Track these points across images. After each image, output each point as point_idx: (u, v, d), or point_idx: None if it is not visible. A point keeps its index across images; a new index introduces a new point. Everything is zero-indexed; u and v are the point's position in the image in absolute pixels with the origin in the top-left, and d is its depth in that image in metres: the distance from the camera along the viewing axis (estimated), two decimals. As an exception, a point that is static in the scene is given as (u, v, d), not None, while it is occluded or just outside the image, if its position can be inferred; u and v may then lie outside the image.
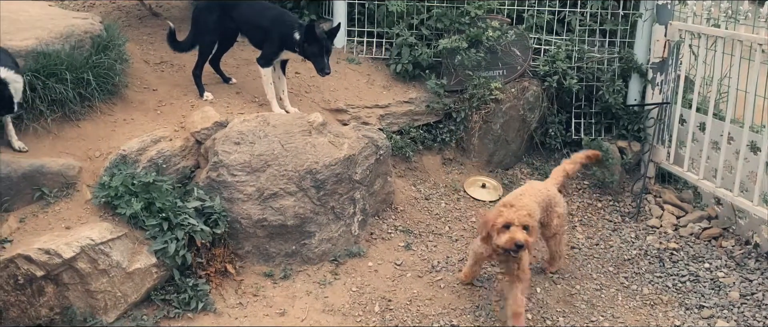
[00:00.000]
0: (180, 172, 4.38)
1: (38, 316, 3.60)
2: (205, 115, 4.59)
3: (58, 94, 4.21)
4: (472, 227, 5.01)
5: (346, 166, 4.52)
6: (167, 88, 5.02)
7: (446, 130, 5.66)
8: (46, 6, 4.98)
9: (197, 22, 5.07)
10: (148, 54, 5.46)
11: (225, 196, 4.25)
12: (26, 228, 3.73)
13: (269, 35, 4.82)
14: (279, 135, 4.45)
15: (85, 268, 3.61)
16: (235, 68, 5.54)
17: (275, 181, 4.31)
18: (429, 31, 5.77)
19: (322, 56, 4.60)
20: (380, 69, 5.93)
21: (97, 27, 4.66)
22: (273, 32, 4.77)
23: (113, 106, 4.62)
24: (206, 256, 4.10)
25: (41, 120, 4.19)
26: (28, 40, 4.22)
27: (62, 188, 3.96)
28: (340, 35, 6.09)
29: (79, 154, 4.17)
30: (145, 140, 4.27)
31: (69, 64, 4.27)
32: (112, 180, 3.94)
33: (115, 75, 4.58)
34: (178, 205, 4.02)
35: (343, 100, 5.36)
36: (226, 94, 5.06)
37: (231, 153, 4.30)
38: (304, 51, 4.64)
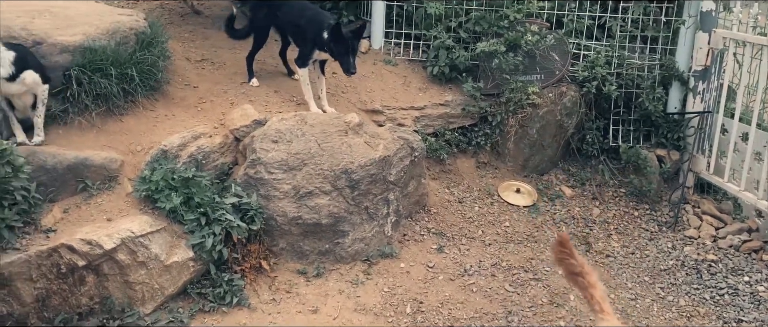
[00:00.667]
0: (218, 168, 4.45)
1: (79, 304, 3.69)
2: (245, 112, 4.66)
3: (103, 89, 4.32)
4: (505, 232, 4.99)
5: (381, 167, 4.54)
6: (208, 86, 5.10)
7: (481, 133, 5.65)
8: (93, 2, 5.11)
9: (253, 13, 5.29)
10: (189, 51, 5.55)
11: (262, 193, 4.31)
12: (69, 218, 3.83)
13: (304, 35, 4.88)
14: (316, 134, 4.49)
15: (125, 259, 3.70)
16: (274, 66, 5.61)
17: (311, 180, 4.35)
18: (467, 34, 5.76)
19: (348, 55, 4.60)
20: (417, 71, 5.94)
21: (142, 24, 4.77)
22: (307, 32, 4.83)
23: (155, 101, 4.71)
24: (242, 252, 4.16)
25: (86, 114, 4.30)
26: (77, 36, 4.33)
27: (105, 181, 4.05)
28: (378, 36, 6.13)
29: (122, 148, 4.27)
30: (185, 136, 4.35)
31: (114, 59, 4.37)
32: (152, 174, 4.03)
33: (158, 71, 4.67)
34: (216, 200, 4.09)
35: (379, 101, 5.38)
36: (264, 93, 5.13)
37: (269, 151, 4.35)
38: (331, 50, 4.67)
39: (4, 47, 3.79)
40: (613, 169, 5.77)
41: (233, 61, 5.53)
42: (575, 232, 5.16)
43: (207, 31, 6.07)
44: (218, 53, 5.65)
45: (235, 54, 5.67)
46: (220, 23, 6.26)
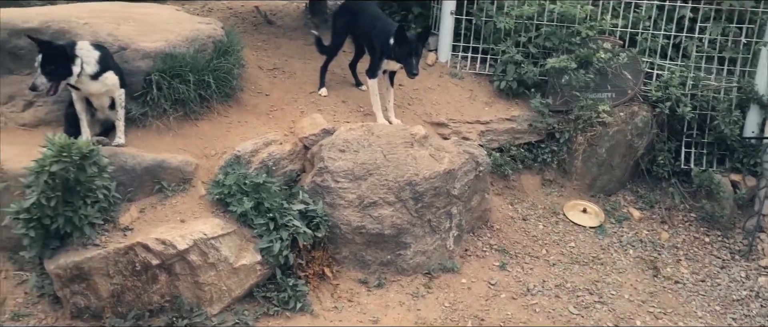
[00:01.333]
0: (287, 174, 4.54)
1: (150, 302, 3.83)
2: (314, 121, 4.75)
3: (181, 94, 4.49)
4: (570, 252, 4.90)
5: (445, 180, 4.54)
6: (279, 94, 5.22)
7: (548, 150, 5.57)
8: (174, 10, 5.31)
9: (332, 25, 5.46)
10: (262, 60, 5.70)
11: (327, 201, 4.37)
12: (145, 218, 3.98)
13: (374, 46, 4.95)
14: (382, 145, 4.53)
15: (196, 260, 3.82)
16: (342, 77, 5.69)
17: (375, 190, 4.39)
18: (536, 50, 5.71)
19: (411, 57, 4.59)
20: (483, 85, 5.92)
21: (219, 32, 4.93)
22: (377, 43, 4.88)
23: (229, 108, 4.86)
24: (306, 258, 4.23)
25: (164, 118, 4.47)
26: (158, 42, 4.51)
27: (179, 183, 4.20)
28: (445, 50, 6.14)
29: (196, 151, 4.42)
30: (257, 142, 4.47)
31: (192, 66, 4.53)
32: (226, 178, 4.15)
33: (233, 79, 4.82)
34: (284, 206, 4.18)
35: (444, 114, 5.39)
36: (333, 102, 5.21)
37: (336, 160, 4.42)
38: (395, 53, 4.67)
39: (91, 47, 3.98)
40: (685, 192, 5.59)
41: (303, 71, 5.65)
42: (642, 255, 5.03)
43: (279, 41, 6.22)
44: (289, 62, 5.78)
45: (305, 64, 5.80)
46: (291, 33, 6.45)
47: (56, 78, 3.77)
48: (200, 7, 7.44)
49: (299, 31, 6.54)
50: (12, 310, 3.73)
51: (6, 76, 4.35)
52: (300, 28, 6.64)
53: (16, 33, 4.25)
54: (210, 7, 7.38)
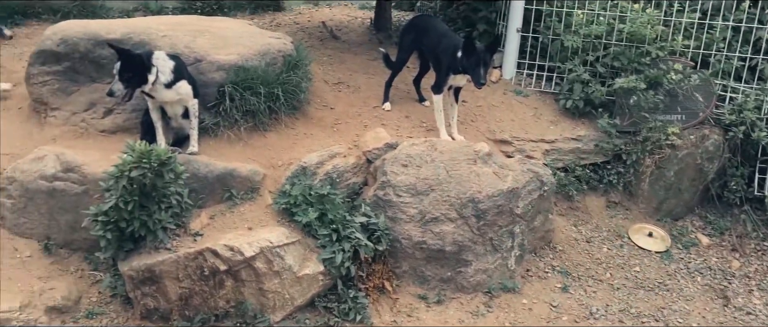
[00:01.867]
0: (350, 187, 4.60)
1: (216, 306, 3.93)
2: (377, 135, 4.81)
3: (252, 106, 4.61)
4: (635, 277, 4.77)
5: (509, 199, 4.51)
6: (343, 108, 5.31)
7: (614, 171, 5.46)
8: (246, 24, 5.48)
9: (399, 41, 5.56)
10: (327, 74, 5.81)
11: (389, 214, 4.40)
12: (215, 224, 4.10)
13: (440, 61, 4.97)
14: (445, 161, 4.54)
15: (262, 267, 3.90)
16: (405, 92, 5.74)
17: (437, 206, 4.39)
18: (604, 69, 5.62)
19: (479, 67, 4.55)
20: (548, 103, 5.86)
21: (289, 47, 5.05)
22: (443, 58, 4.91)
23: (296, 120, 4.97)
24: (367, 271, 4.27)
25: (234, 128, 4.61)
26: (232, 55, 4.66)
27: (248, 191, 4.31)
28: (510, 67, 6.12)
29: (264, 161, 4.53)
30: (322, 155, 4.55)
31: (263, 79, 4.66)
32: (292, 189, 4.24)
33: (301, 92, 4.93)
34: (346, 218, 4.24)
35: (508, 132, 5.36)
36: (396, 117, 5.26)
37: (398, 174, 4.45)
38: (463, 64, 4.64)
39: (167, 57, 4.15)
40: (758, 220, 5.37)
41: (367, 85, 5.73)
42: (711, 283, 4.85)
43: (344, 56, 6.33)
44: (353, 77, 5.87)
45: (369, 78, 5.88)
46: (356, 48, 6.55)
47: (132, 85, 3.93)
48: (268, 21, 7.67)
49: (363, 47, 6.65)
50: (86, 308, 3.90)
51: (88, 85, 4.57)
52: (364, 44, 6.75)
53: (99, 43, 4.48)
54: (278, 22, 7.59)
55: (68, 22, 4.80)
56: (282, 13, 8.14)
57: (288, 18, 7.90)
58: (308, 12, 8.32)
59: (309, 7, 8.58)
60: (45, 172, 4.00)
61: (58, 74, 4.53)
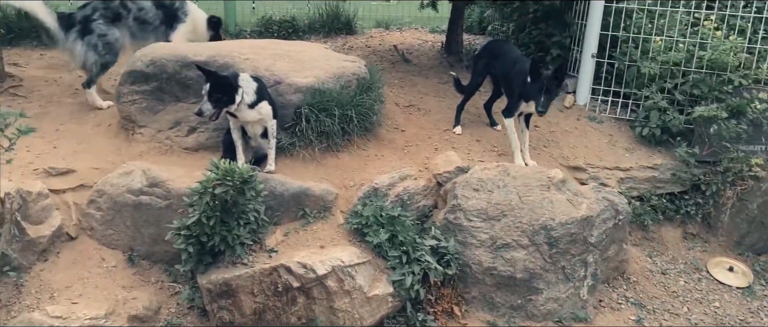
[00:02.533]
0: (420, 209, 4.63)
1: (288, 322, 4.01)
2: (448, 159, 4.82)
3: (326, 127, 4.72)
4: (715, 313, 4.58)
5: (582, 227, 4.43)
6: (414, 130, 5.36)
7: (692, 202, 5.28)
8: (322, 48, 5.63)
9: (473, 65, 5.63)
10: (398, 97, 5.89)
11: (459, 239, 4.40)
12: (289, 241, 4.20)
13: (512, 86, 4.96)
14: (517, 186, 4.51)
15: (333, 286, 3.97)
16: (476, 116, 5.75)
17: (509, 232, 4.36)
18: (683, 97, 5.47)
19: (540, 94, 4.50)
20: (623, 130, 5.74)
21: (363, 70, 5.16)
22: (515, 83, 4.89)
23: (367, 141, 5.05)
24: (436, 295, 4.27)
25: (309, 148, 4.72)
26: (308, 78, 4.80)
27: (320, 210, 4.40)
28: (584, 93, 6.04)
29: (337, 181, 4.62)
30: (393, 176, 4.60)
31: (338, 101, 4.77)
32: (364, 209, 4.30)
33: (373, 114, 5.01)
34: (416, 240, 4.26)
35: (582, 158, 5.27)
36: (467, 141, 5.27)
37: (469, 198, 4.45)
38: (529, 90, 4.60)
39: (251, 79, 4.31)
40: None
41: (438, 109, 5.77)
42: (798, 324, 4.60)
43: (414, 79, 6.40)
44: (424, 100, 5.93)
45: (439, 102, 5.92)
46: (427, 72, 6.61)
47: (220, 105, 4.10)
48: (341, 44, 7.84)
49: (434, 70, 6.70)
50: (165, 318, 4.04)
51: (174, 104, 4.80)
52: (435, 67, 6.81)
53: (186, 65, 4.70)
54: (350, 45, 7.76)
55: (158, 44, 5.06)
56: (354, 36, 8.32)
57: (360, 41, 8.06)
58: (379, 35, 8.47)
59: (380, 31, 8.74)
60: (132, 186, 4.21)
61: (146, 94, 4.77)
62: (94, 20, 5.38)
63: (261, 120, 4.36)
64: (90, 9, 5.44)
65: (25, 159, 4.41)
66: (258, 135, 4.46)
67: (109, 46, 5.42)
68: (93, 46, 5.36)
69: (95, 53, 5.37)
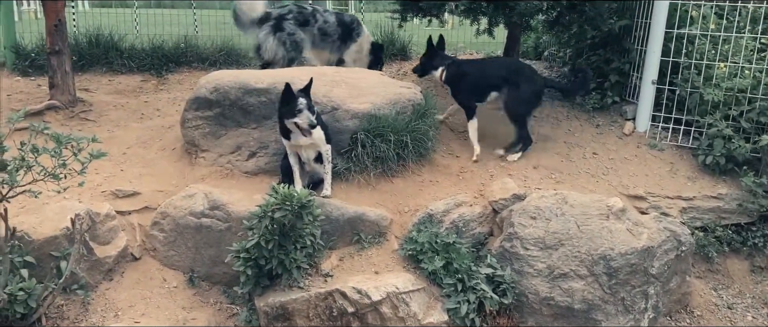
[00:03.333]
0: (475, 237, 4.60)
1: (342, 347, 4.04)
2: (505, 186, 4.79)
3: (381, 153, 4.77)
4: (786, 351, 4.37)
5: (643, 258, 4.31)
6: (469, 156, 5.34)
7: (760, 234, 5.08)
8: (379, 75, 5.70)
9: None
10: (453, 123, 5.88)
11: (515, 267, 4.35)
12: (344, 266, 4.24)
13: None
14: (575, 215, 4.44)
15: (387, 312, 3.97)
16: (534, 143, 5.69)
17: (567, 262, 4.29)
18: (749, 124, 5.29)
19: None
20: (685, 158, 5.58)
21: (418, 96, 5.19)
22: None
23: (422, 167, 5.06)
24: (491, 324, 4.21)
25: (364, 173, 4.77)
26: (365, 104, 4.87)
27: (375, 236, 4.43)
28: (643, 119, 5.91)
29: (391, 207, 4.64)
30: (449, 203, 4.60)
31: (393, 127, 4.81)
32: (418, 235, 4.31)
33: (428, 140, 5.03)
34: (472, 268, 4.23)
35: (642, 187, 5.14)
36: (523, 167, 5.22)
37: (526, 226, 4.40)
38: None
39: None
40: None
41: (493, 135, 5.73)
42: None
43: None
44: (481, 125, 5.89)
45: (495, 128, 5.88)
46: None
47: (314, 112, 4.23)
48: (396, 69, 7.90)
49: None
50: (223, 339, 4.13)
51: (235, 129, 4.93)
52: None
53: (248, 91, 4.83)
54: (405, 71, 7.80)
55: (221, 72, 5.22)
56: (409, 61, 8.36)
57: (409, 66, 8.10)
58: (434, 61, 8.49)
59: (435, 56, 8.76)
60: (194, 208, 4.33)
61: (210, 119, 4.93)
62: (287, 20, 6.10)
63: (313, 144, 4.42)
64: (286, 10, 6.18)
65: (95, 181, 4.61)
66: (311, 160, 4.53)
67: (296, 45, 6.11)
68: (283, 42, 6.05)
69: (284, 49, 6.05)
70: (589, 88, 5.88)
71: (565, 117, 6.26)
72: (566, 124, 6.12)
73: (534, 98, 5.42)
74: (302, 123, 4.17)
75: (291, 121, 4.22)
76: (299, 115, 4.17)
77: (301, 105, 4.16)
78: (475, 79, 5.40)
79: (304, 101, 4.17)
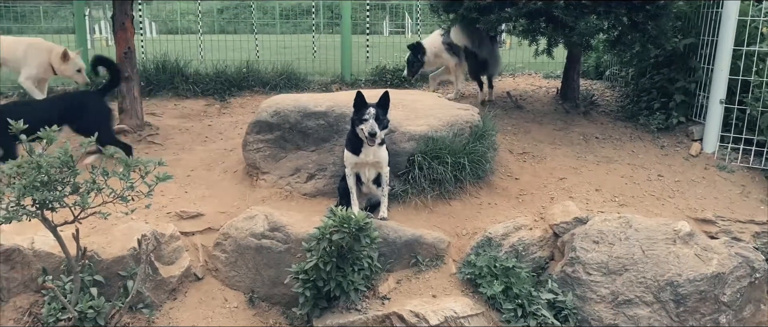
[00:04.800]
0: (535, 261, 4.50)
1: (399, 371, 4.00)
2: (566, 209, 4.68)
3: (438, 175, 4.75)
4: None
5: (713, 284, 4.12)
6: (528, 178, 5.27)
7: (841, 261, 4.77)
8: (435, 97, 5.72)
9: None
10: (512, 144, 5.82)
11: (577, 293, 4.23)
12: (401, 289, 4.22)
13: None
14: (640, 239, 4.30)
15: (445, 337, 3.92)
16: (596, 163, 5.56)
17: (631, 288, 4.14)
18: (828, 145, 5.02)
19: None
20: (757, 180, 5.33)
21: (476, 118, 5.17)
22: None
23: (479, 189, 5.01)
24: (552, 350, 4.10)
25: (421, 195, 4.76)
26: (422, 126, 4.87)
27: (433, 259, 4.40)
28: (711, 140, 5.71)
29: (448, 229, 4.61)
30: (508, 226, 4.53)
31: (451, 149, 4.80)
32: (477, 259, 4.25)
33: (486, 162, 4.98)
34: (532, 294, 4.14)
35: (711, 210, 4.93)
36: (585, 190, 5.10)
37: (588, 251, 4.28)
38: None
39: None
40: None
41: (553, 156, 5.64)
42: None
43: (528, 125, 6.31)
44: (539, 147, 5.82)
45: (555, 149, 5.79)
46: (541, 118, 6.51)
47: (383, 126, 4.23)
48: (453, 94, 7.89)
49: (549, 117, 6.58)
50: (282, 360, 4.17)
51: (294, 152, 5.02)
52: (550, 114, 6.69)
53: (307, 115, 4.92)
54: (462, 93, 7.79)
55: (281, 96, 5.34)
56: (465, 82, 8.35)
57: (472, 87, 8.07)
58: (491, 82, 8.45)
59: (492, 77, 8.72)
60: (255, 230, 4.41)
61: (270, 142, 5.03)
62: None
63: (377, 163, 4.43)
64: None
65: (160, 202, 4.76)
66: (371, 181, 4.54)
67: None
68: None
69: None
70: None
71: (628, 138, 6.10)
72: (629, 145, 5.96)
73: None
74: (365, 130, 4.19)
75: (359, 127, 4.24)
76: (365, 123, 4.19)
77: (368, 114, 4.18)
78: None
79: (373, 111, 4.18)
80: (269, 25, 15.47)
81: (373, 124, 4.15)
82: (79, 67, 6.12)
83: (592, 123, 6.47)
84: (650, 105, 6.27)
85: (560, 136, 6.09)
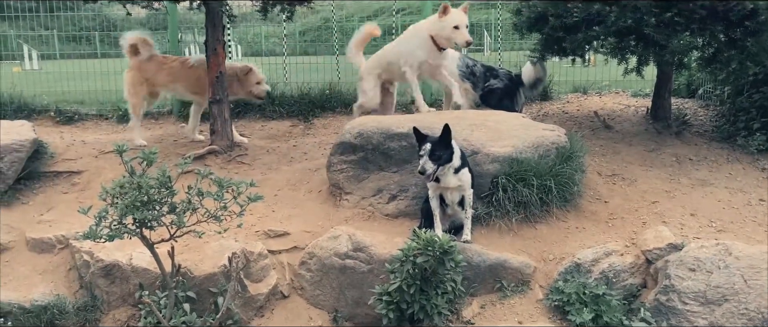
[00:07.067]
0: (626, 288, 4.32)
1: (482, 398, 3.93)
2: (659, 234, 4.48)
3: (523, 198, 4.65)
4: None
5: (827, 320, 3.82)
6: (618, 202, 5.08)
7: None
8: (520, 117, 5.61)
9: None
10: (600, 166, 5.64)
11: (672, 323, 4.03)
12: (485, 314, 4.16)
13: None
14: (741, 267, 4.05)
15: (532, 364, 3.82)
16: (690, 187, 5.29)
17: (732, 319, 3.91)
18: None
19: None
20: None
21: (563, 139, 5.04)
22: None
23: (567, 213, 4.87)
24: (646, 383, 3.92)
25: (506, 218, 4.68)
26: (506, 148, 4.80)
27: (518, 284, 4.31)
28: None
29: (534, 254, 4.50)
30: (597, 252, 4.37)
31: (536, 171, 4.70)
32: (565, 285, 4.13)
33: (573, 185, 4.84)
34: (623, 322, 3.99)
35: (822, 239, 4.59)
36: (679, 214, 4.86)
37: (684, 279, 4.07)
38: None
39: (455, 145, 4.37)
40: None
41: (645, 178, 5.42)
42: None
43: (617, 146, 6.10)
44: (629, 169, 5.61)
45: (646, 171, 5.57)
46: (630, 139, 6.28)
47: (440, 163, 4.20)
48: (536, 110, 7.76)
49: (639, 137, 6.34)
50: (363, 380, 4.17)
51: (377, 173, 5.06)
52: (640, 134, 6.44)
53: (389, 136, 4.96)
54: (545, 111, 7.65)
55: (364, 117, 5.42)
56: (550, 101, 8.20)
57: (556, 106, 7.92)
58: (576, 100, 8.25)
59: (578, 95, 8.51)
60: (339, 250, 4.46)
61: (353, 163, 5.10)
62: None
63: (460, 187, 4.40)
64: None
65: (249, 221, 4.90)
66: (455, 203, 4.51)
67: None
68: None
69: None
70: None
71: (725, 160, 5.78)
72: (727, 167, 5.65)
73: None
74: (418, 168, 4.18)
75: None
76: (420, 159, 4.18)
77: (423, 150, 4.18)
78: None
79: (428, 147, 4.16)
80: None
81: (424, 162, 4.14)
82: None
83: (685, 144, 6.18)
84: (749, 125, 5.93)
85: (652, 157, 5.85)
